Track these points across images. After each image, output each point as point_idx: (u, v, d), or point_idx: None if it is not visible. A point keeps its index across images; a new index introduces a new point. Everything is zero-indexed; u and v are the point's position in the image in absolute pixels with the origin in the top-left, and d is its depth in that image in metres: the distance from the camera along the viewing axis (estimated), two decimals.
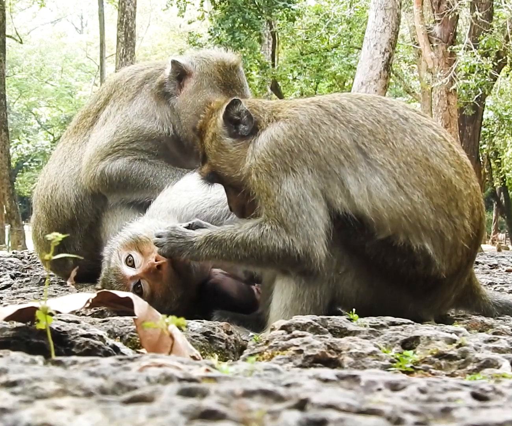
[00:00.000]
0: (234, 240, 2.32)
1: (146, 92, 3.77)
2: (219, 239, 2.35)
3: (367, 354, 1.61)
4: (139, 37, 39.65)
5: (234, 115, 2.46)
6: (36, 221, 3.98)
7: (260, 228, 2.29)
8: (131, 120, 3.71)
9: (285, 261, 2.28)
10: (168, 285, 2.59)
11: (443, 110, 16.46)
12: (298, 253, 2.24)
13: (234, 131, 2.47)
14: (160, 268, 2.55)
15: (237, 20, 19.44)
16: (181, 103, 3.70)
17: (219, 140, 2.50)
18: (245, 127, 2.45)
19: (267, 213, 2.30)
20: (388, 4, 10.75)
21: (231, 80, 3.68)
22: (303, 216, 2.25)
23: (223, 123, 2.50)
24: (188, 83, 3.69)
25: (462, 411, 0.85)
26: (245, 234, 2.31)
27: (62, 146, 4.02)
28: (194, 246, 2.39)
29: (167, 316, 1.45)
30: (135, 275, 2.61)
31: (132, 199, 3.67)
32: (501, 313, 2.58)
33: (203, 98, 3.62)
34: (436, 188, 2.26)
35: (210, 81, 3.65)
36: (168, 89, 3.71)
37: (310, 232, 2.24)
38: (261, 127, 2.43)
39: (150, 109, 3.73)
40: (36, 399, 0.84)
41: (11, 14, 28.21)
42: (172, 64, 3.68)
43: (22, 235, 19.75)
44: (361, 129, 2.32)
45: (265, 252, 2.28)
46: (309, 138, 2.32)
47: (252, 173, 2.35)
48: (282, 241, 2.26)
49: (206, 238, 2.38)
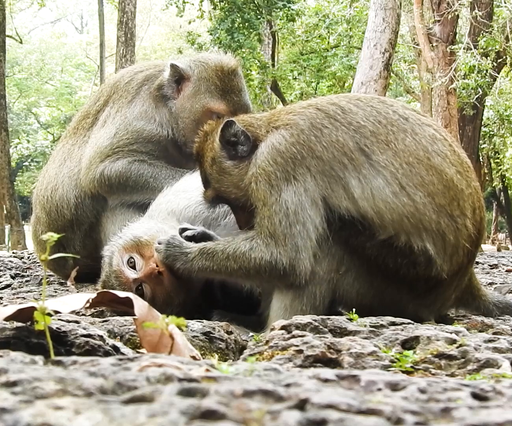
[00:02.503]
0: (225, 251, 2.32)
1: (144, 94, 3.77)
2: (212, 250, 2.35)
3: (367, 354, 1.61)
4: (139, 37, 39.66)
5: (231, 137, 2.43)
6: (36, 221, 3.98)
7: (251, 241, 2.29)
8: (131, 122, 3.71)
9: (271, 273, 2.27)
10: (169, 290, 2.59)
11: (443, 110, 16.46)
12: (284, 266, 2.24)
13: (233, 153, 2.45)
14: (161, 274, 2.55)
15: (236, 20, 19.43)
16: (179, 107, 3.69)
17: (219, 164, 2.48)
18: (244, 147, 2.43)
19: (260, 223, 2.29)
20: (388, 4, 10.74)
21: (229, 86, 3.67)
22: (297, 226, 2.24)
23: (220, 147, 2.47)
24: (186, 87, 3.69)
25: (462, 411, 0.85)
26: (236, 246, 2.31)
27: (62, 147, 4.02)
28: (188, 257, 2.40)
29: (167, 316, 1.45)
30: (137, 277, 2.60)
31: (132, 200, 3.67)
32: (501, 313, 2.58)
33: (201, 104, 3.63)
34: (438, 188, 2.26)
35: (208, 86, 3.64)
36: (167, 92, 3.70)
37: (300, 243, 2.24)
38: (261, 141, 2.40)
39: (149, 111, 3.73)
40: (36, 399, 0.84)
41: (11, 14, 28.21)
42: (171, 68, 3.67)
43: (22, 235, 19.75)
44: (363, 131, 2.31)
45: (252, 264, 2.28)
46: (312, 143, 2.30)
47: (252, 182, 2.34)
48: (270, 253, 2.25)
49: (200, 250, 2.38)
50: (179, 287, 2.60)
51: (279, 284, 2.33)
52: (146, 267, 2.60)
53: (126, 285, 2.60)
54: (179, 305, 2.60)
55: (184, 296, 2.63)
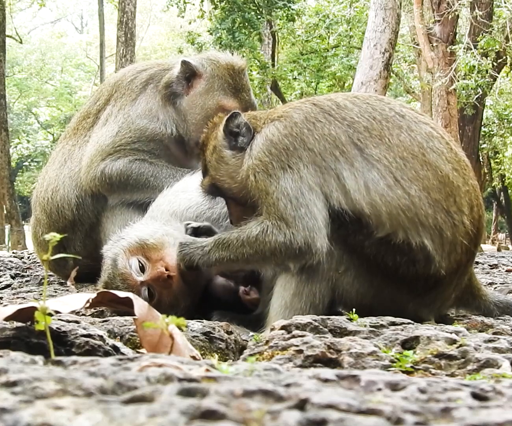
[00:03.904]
0: (240, 239, 2.34)
1: (151, 92, 3.79)
2: (227, 240, 2.38)
3: (367, 354, 1.61)
4: (139, 37, 39.68)
5: (234, 127, 2.49)
6: (36, 223, 3.96)
7: (262, 224, 2.31)
8: (134, 121, 3.72)
9: (287, 254, 2.29)
10: (177, 293, 2.59)
11: (443, 110, 16.46)
12: (300, 245, 2.25)
13: (233, 144, 2.50)
14: (170, 278, 2.56)
15: (237, 20, 19.44)
16: (190, 103, 3.72)
17: (219, 152, 2.53)
18: (244, 139, 2.48)
19: (267, 211, 2.32)
20: (388, 4, 10.74)
21: (240, 84, 3.75)
22: (302, 209, 2.26)
23: (223, 136, 2.53)
24: (197, 84, 3.72)
25: (462, 411, 0.85)
26: (249, 232, 2.33)
27: (62, 148, 4.00)
28: (204, 250, 2.42)
29: (167, 316, 1.45)
30: (144, 280, 2.60)
31: (132, 199, 3.67)
32: (502, 313, 2.58)
33: (214, 101, 3.69)
34: (433, 183, 2.27)
35: (221, 84, 3.71)
36: (176, 89, 3.73)
37: (310, 224, 2.26)
38: (258, 132, 2.46)
39: (154, 109, 3.74)
40: (36, 399, 0.84)
41: (11, 14, 28.23)
42: (183, 64, 3.70)
43: (22, 235, 19.75)
44: (356, 126, 2.34)
45: (267, 247, 2.29)
46: (304, 136, 2.34)
47: (250, 175, 2.37)
48: (283, 235, 2.27)
49: (216, 241, 2.41)
50: (187, 291, 2.61)
51: (296, 264, 2.33)
52: (154, 270, 2.59)
53: (133, 288, 2.58)
54: (185, 308, 2.60)
55: (191, 300, 2.64)
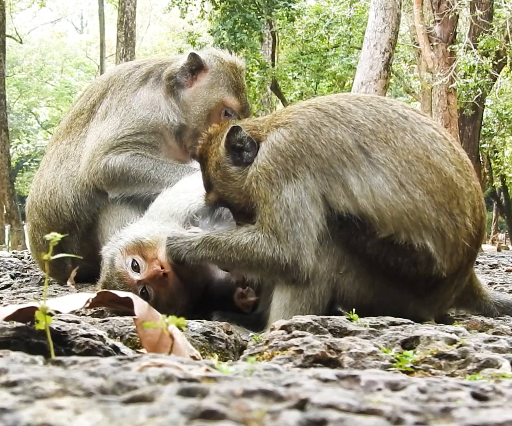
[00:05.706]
0: (228, 243, 2.35)
1: (152, 84, 3.83)
2: (215, 240, 2.38)
3: (367, 354, 1.61)
4: (139, 37, 39.66)
5: (236, 142, 2.43)
6: (33, 229, 3.90)
7: (253, 235, 2.31)
8: (136, 111, 3.74)
9: (273, 269, 2.29)
10: (173, 292, 2.59)
11: (443, 110, 16.46)
12: (287, 262, 2.26)
13: (238, 159, 2.44)
14: (166, 275, 2.55)
15: (238, 21, 19.44)
16: (193, 95, 3.78)
17: (224, 169, 2.47)
18: (249, 154, 2.42)
19: (262, 221, 2.31)
20: (388, 4, 10.74)
21: (241, 84, 3.84)
22: (298, 223, 2.25)
23: (225, 152, 2.46)
24: (202, 77, 3.79)
25: (462, 411, 0.85)
26: (238, 238, 2.33)
27: (55, 149, 3.95)
28: (192, 246, 2.43)
29: (167, 316, 1.44)
30: (140, 279, 2.60)
31: (132, 193, 3.67)
32: (502, 313, 2.58)
33: (218, 95, 3.77)
34: (437, 186, 2.26)
35: (225, 81, 3.79)
36: (180, 80, 3.79)
37: (301, 240, 2.25)
38: (262, 141, 2.41)
39: (156, 100, 3.78)
40: (36, 399, 0.84)
41: (11, 14, 28.22)
42: (191, 56, 3.77)
43: (22, 235, 19.73)
44: (362, 129, 2.32)
45: (255, 258, 2.30)
46: (311, 142, 2.31)
47: (252, 182, 2.35)
48: (272, 249, 2.27)
49: (204, 239, 2.41)
50: (184, 289, 2.60)
51: (281, 279, 2.34)
52: (150, 269, 2.59)
53: (129, 287, 2.59)
54: (182, 306, 2.59)
55: (188, 298, 2.63)
